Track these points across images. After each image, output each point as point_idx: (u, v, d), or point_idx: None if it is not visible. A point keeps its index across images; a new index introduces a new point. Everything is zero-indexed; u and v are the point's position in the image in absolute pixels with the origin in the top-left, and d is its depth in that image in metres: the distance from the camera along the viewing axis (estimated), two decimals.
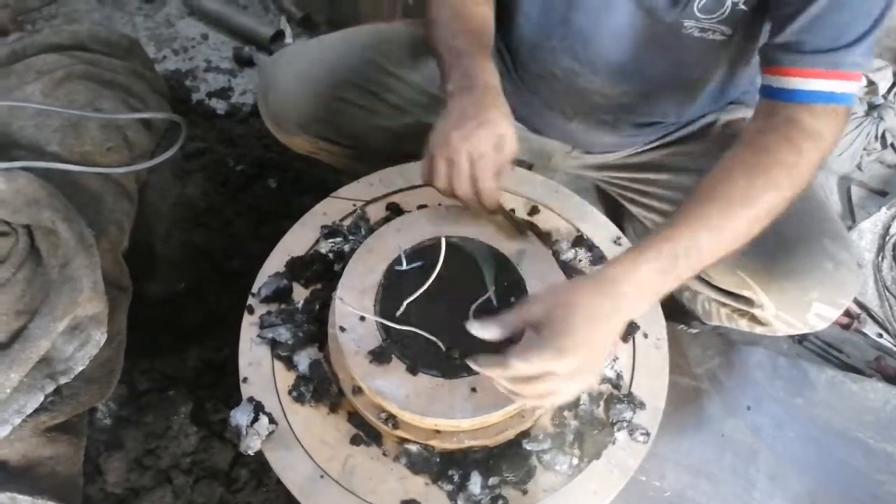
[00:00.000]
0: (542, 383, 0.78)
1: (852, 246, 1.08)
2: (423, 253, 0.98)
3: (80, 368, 1.00)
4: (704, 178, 0.90)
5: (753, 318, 1.17)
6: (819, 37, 0.89)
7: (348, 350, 0.88)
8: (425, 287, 0.93)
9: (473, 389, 0.86)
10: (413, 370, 0.87)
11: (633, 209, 1.36)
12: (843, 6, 0.87)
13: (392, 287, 0.94)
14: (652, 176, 1.28)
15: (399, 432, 0.90)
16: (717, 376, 1.37)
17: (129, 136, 1.29)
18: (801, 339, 1.67)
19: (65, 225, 1.04)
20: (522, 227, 1.02)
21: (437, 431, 0.90)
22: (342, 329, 0.90)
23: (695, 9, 0.99)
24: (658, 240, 0.84)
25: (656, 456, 1.22)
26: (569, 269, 1.07)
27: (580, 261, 1.09)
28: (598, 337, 0.79)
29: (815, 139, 0.89)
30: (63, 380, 0.99)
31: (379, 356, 0.87)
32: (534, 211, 1.14)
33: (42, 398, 0.97)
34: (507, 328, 0.81)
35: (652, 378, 1.00)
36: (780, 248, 1.05)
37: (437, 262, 0.94)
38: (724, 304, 1.22)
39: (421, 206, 1.11)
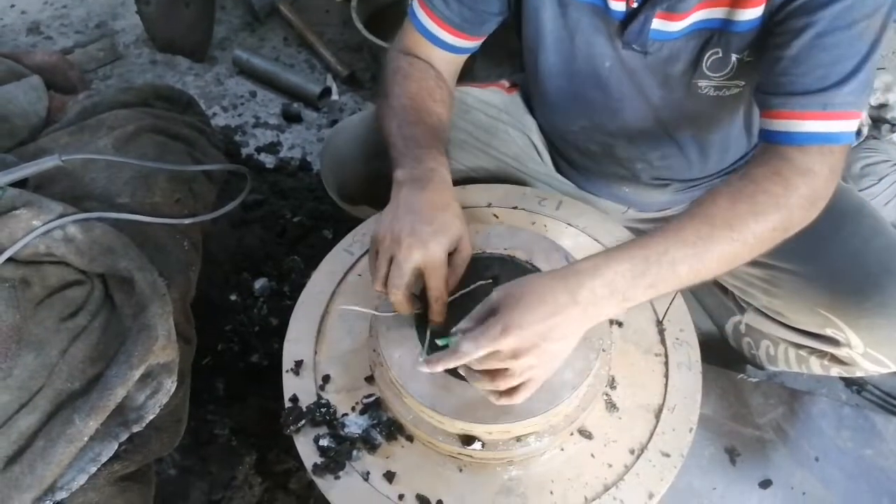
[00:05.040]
0: (493, 363, 0.78)
1: None
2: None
3: (152, 416, 1.00)
4: (690, 203, 0.90)
5: (833, 359, 1.13)
6: (805, 77, 0.88)
7: None
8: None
9: None
10: None
11: None
12: (826, 46, 0.86)
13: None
14: None
15: None
16: (782, 426, 1.34)
17: (194, 188, 1.31)
18: (859, 390, 1.63)
19: (140, 274, 1.05)
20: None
21: None
22: None
23: (704, 68, 1.00)
24: (630, 245, 0.84)
25: None
26: None
27: None
28: (550, 322, 0.77)
29: (805, 174, 0.87)
30: (136, 428, 0.99)
31: None
32: None
33: (116, 446, 0.97)
34: (476, 320, 0.80)
35: None
36: (866, 283, 1.01)
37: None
38: (801, 346, 1.18)
39: None
